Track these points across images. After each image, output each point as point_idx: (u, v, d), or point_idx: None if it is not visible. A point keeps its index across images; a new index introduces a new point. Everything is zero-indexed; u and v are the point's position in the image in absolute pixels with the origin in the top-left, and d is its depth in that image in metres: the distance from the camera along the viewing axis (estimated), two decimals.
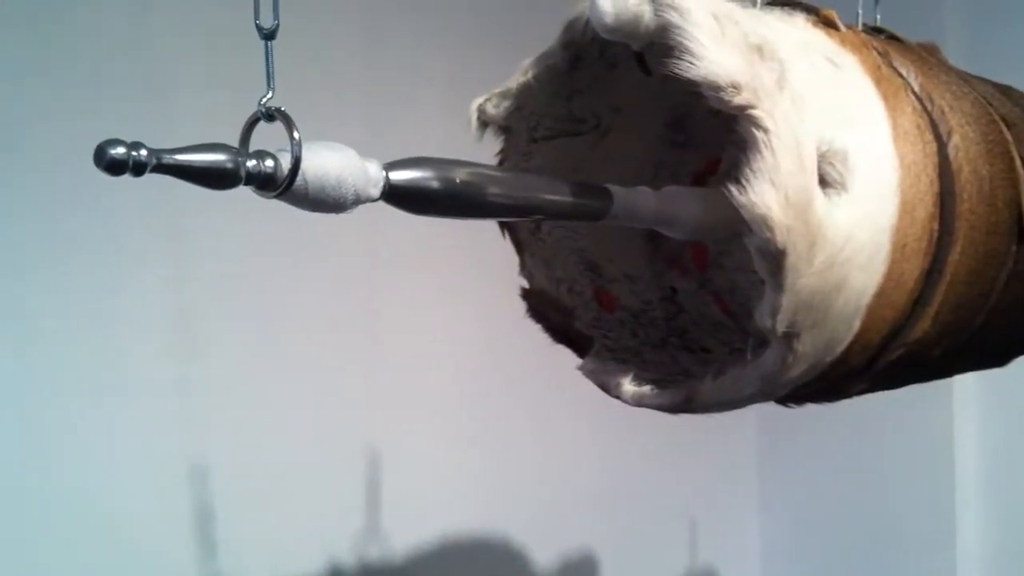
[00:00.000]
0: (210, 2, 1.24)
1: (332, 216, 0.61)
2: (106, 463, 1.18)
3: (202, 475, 1.25)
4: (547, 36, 0.78)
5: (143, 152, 0.50)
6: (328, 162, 0.56)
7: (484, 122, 0.80)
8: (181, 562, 1.25)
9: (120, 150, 0.49)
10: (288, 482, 1.33)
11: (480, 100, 0.80)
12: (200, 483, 1.25)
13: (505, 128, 0.82)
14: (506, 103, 0.80)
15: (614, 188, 0.73)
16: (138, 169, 0.50)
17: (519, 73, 0.79)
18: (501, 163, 0.83)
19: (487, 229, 0.86)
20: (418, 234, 1.41)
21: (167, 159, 0.51)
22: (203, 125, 1.14)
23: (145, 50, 1.20)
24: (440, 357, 1.51)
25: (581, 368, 0.85)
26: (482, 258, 0.91)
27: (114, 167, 0.49)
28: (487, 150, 0.82)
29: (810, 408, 0.85)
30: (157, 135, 0.55)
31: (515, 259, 0.89)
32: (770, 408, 0.85)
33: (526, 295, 0.88)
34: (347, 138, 0.60)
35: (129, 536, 1.20)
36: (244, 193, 0.57)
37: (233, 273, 1.28)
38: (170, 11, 1.22)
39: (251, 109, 0.57)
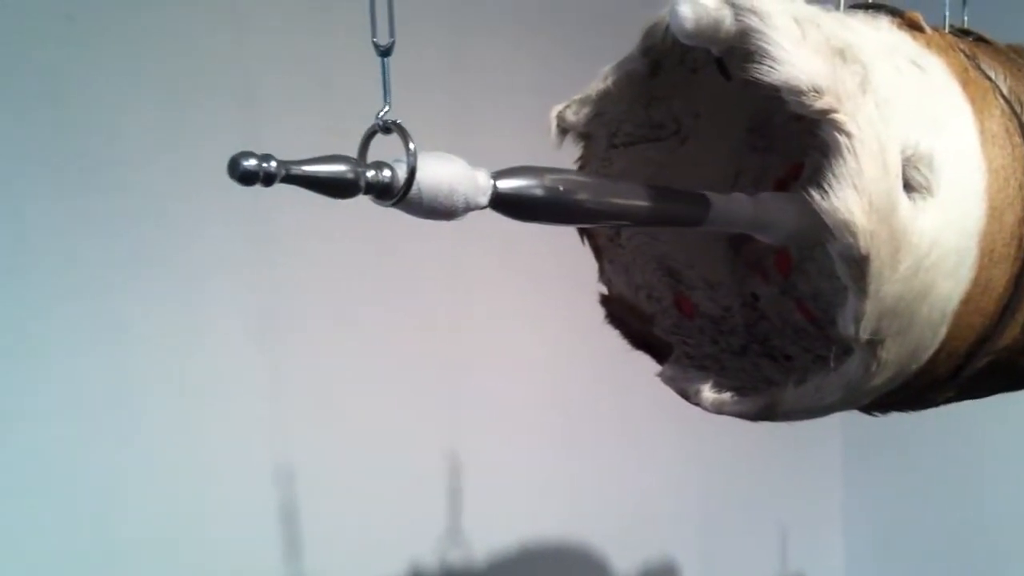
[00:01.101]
0: (300, 17, 1.27)
1: (416, 225, 0.62)
2: (194, 464, 1.21)
3: (287, 477, 1.28)
4: (628, 42, 0.78)
5: (273, 164, 0.52)
6: (441, 172, 0.58)
7: (564, 129, 0.80)
8: (266, 562, 1.27)
9: (252, 162, 0.51)
10: (372, 485, 1.35)
11: (560, 107, 0.80)
12: (285, 485, 1.28)
13: (585, 135, 0.82)
14: (586, 110, 0.80)
15: (711, 194, 0.73)
16: (268, 180, 0.52)
17: (599, 80, 0.79)
18: (580, 169, 0.83)
19: (568, 235, 0.87)
20: (501, 240, 1.42)
21: (295, 170, 0.53)
22: (287, 138, 1.18)
23: (236, 64, 1.23)
24: (523, 363, 1.51)
25: (660, 375, 0.85)
26: (565, 263, 0.92)
27: (246, 178, 0.51)
28: (567, 157, 0.83)
29: (896, 416, 0.83)
30: (245, 145, 0.56)
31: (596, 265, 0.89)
32: (856, 416, 0.83)
33: (605, 301, 0.88)
34: (432, 144, 0.61)
35: (215, 536, 1.22)
36: (329, 203, 0.59)
37: (318, 278, 1.30)
38: (262, 26, 1.25)
39: (339, 119, 0.59)
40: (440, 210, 0.59)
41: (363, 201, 0.59)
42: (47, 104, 1.11)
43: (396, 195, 0.57)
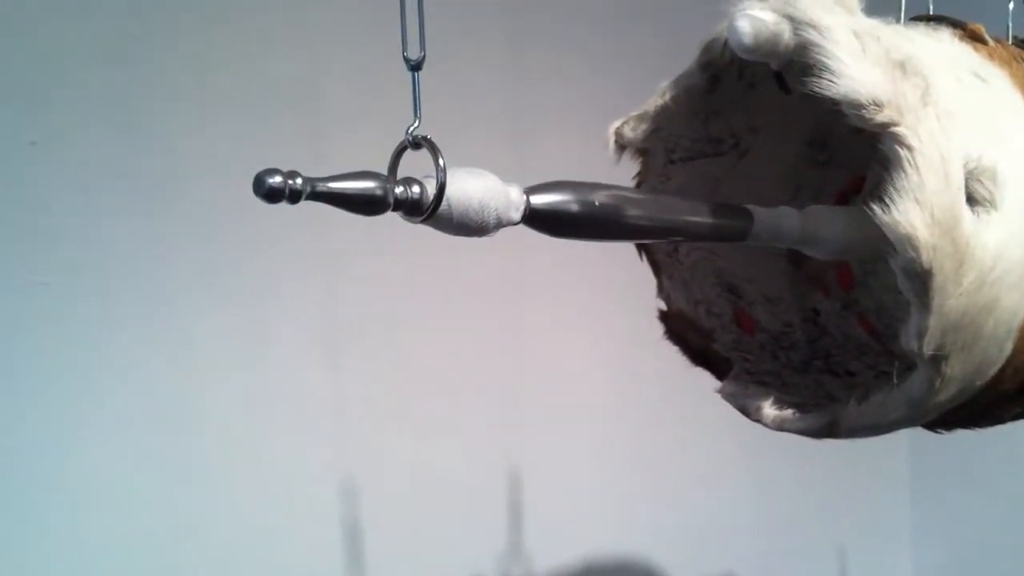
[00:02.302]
0: (362, 34, 1.28)
1: (476, 240, 0.62)
2: (258, 479, 1.23)
3: (349, 492, 1.29)
4: (686, 57, 0.78)
5: (299, 180, 0.51)
6: (471, 187, 0.58)
7: (622, 145, 0.81)
8: None
9: (277, 179, 0.51)
10: (433, 500, 1.35)
11: (618, 123, 0.80)
12: (348, 500, 1.29)
13: (643, 150, 0.82)
14: (644, 126, 0.80)
15: (755, 208, 0.72)
16: (294, 197, 0.52)
17: (657, 95, 0.79)
18: (639, 185, 0.83)
19: (627, 249, 0.86)
20: (560, 257, 1.42)
21: (321, 187, 0.53)
22: (351, 154, 1.19)
23: (299, 80, 1.25)
24: (584, 379, 1.51)
25: (720, 391, 0.84)
26: (625, 278, 0.92)
27: (272, 195, 0.51)
28: (625, 173, 0.83)
29: (963, 433, 0.82)
30: (308, 164, 0.57)
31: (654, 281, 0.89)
32: (922, 433, 0.82)
33: (664, 317, 0.88)
34: (490, 162, 0.61)
35: (278, 550, 1.24)
36: (391, 218, 0.59)
37: (379, 294, 1.32)
38: (325, 42, 1.27)
39: (397, 137, 0.59)
40: (471, 226, 0.58)
41: None
42: (115, 124, 1.13)
43: (425, 211, 0.56)
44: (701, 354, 0.88)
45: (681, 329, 0.88)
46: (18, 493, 1.10)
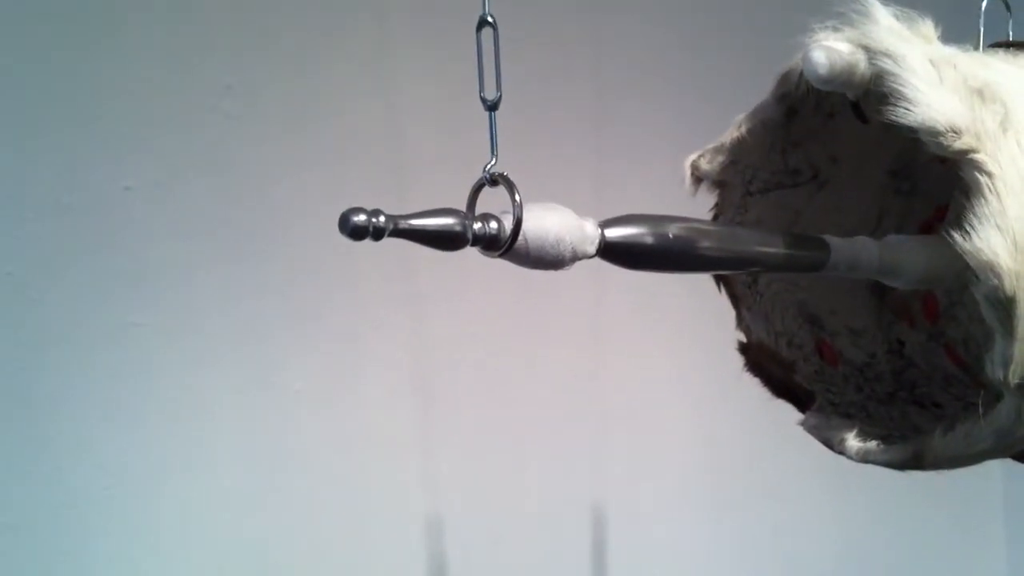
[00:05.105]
0: (448, 80, 1.31)
1: (558, 277, 0.62)
2: (349, 518, 1.24)
3: (438, 531, 1.30)
4: (761, 90, 0.79)
5: (382, 218, 0.53)
6: (547, 222, 0.58)
7: (698, 178, 0.81)
8: None
9: (361, 217, 0.52)
10: (519, 540, 1.36)
11: (694, 156, 0.81)
12: (435, 539, 1.30)
13: (720, 183, 0.82)
14: (720, 158, 0.80)
15: (831, 239, 0.72)
16: (377, 234, 0.53)
17: (733, 128, 0.79)
18: (715, 218, 0.83)
19: (704, 283, 0.86)
20: (638, 292, 1.42)
21: (403, 224, 0.54)
22: (434, 197, 1.21)
23: (386, 127, 1.28)
24: (667, 415, 1.51)
25: (803, 423, 0.83)
26: (703, 312, 0.92)
27: (356, 233, 0.52)
28: (702, 206, 0.83)
29: None
30: (394, 208, 0.58)
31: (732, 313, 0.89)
32: (1016, 468, 0.80)
33: (744, 349, 0.88)
34: (572, 201, 0.62)
35: None
36: (477, 259, 0.60)
37: (466, 336, 1.33)
38: (411, 89, 1.30)
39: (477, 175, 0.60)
40: (547, 259, 0.59)
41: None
42: (208, 171, 1.17)
43: (503, 246, 0.57)
44: (783, 386, 0.87)
45: (762, 361, 0.87)
46: (115, 533, 1.13)
